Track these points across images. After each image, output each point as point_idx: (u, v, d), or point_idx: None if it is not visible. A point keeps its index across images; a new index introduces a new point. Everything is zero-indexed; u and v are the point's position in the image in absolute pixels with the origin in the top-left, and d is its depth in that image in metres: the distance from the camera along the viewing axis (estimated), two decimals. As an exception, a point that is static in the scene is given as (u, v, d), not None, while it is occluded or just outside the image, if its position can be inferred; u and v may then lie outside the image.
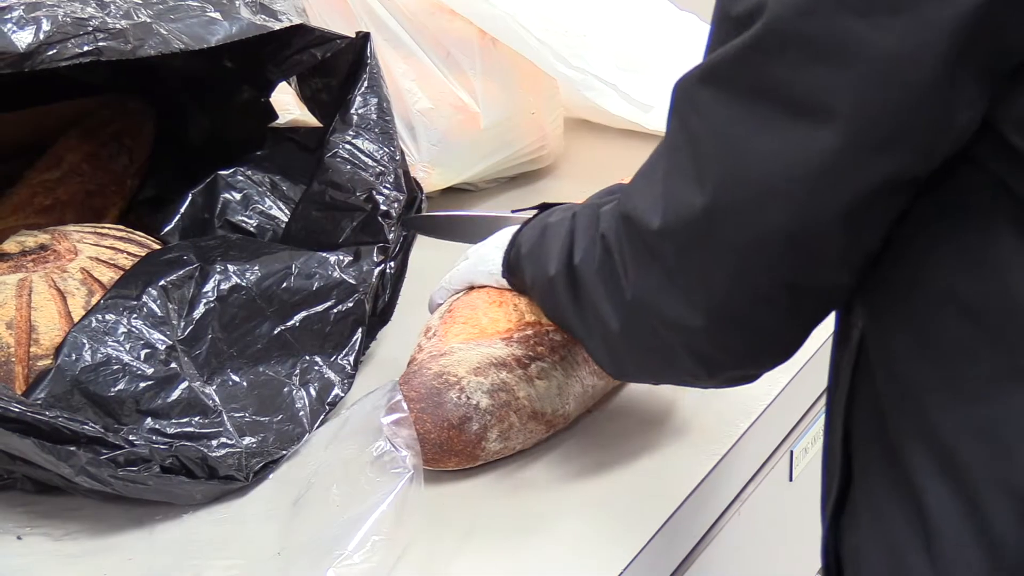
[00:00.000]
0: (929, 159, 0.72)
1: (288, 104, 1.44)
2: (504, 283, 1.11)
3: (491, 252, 1.12)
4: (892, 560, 0.80)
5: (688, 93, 0.77)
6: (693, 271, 0.79)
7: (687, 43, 1.70)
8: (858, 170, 0.71)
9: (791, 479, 1.25)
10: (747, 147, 0.73)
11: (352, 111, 1.21)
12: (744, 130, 0.73)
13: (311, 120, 1.35)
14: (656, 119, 1.63)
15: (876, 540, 0.82)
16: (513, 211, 1.19)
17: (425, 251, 1.28)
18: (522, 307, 1.10)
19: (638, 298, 0.84)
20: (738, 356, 0.83)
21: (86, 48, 1.02)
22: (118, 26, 1.04)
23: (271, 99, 1.38)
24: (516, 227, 1.11)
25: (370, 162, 1.20)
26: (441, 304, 1.16)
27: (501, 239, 1.12)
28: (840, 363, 0.86)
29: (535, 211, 1.11)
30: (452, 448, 1.02)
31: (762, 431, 1.16)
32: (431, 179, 1.51)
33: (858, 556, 0.84)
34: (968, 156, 0.72)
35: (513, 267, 1.09)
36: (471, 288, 1.14)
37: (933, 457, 0.76)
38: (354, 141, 1.21)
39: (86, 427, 0.96)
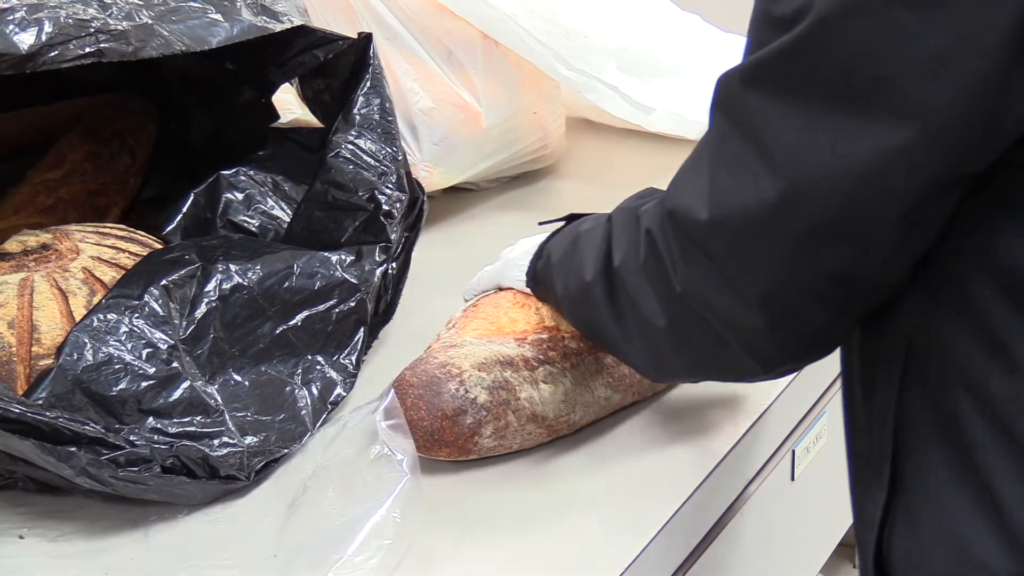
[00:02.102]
0: (987, 151, 0.72)
1: (290, 103, 1.44)
2: (527, 291, 1.11)
3: (521, 257, 1.12)
4: (957, 552, 0.81)
5: (733, 91, 0.78)
6: (745, 264, 0.80)
7: (690, 44, 1.70)
8: (915, 164, 0.72)
9: (793, 478, 1.25)
10: (801, 143, 0.74)
11: (355, 111, 1.21)
12: (799, 126, 0.74)
13: (313, 120, 1.35)
14: (657, 121, 1.63)
15: (938, 535, 0.82)
16: (540, 223, 1.19)
17: (427, 251, 1.28)
18: (544, 312, 1.10)
19: (688, 292, 0.84)
20: (788, 350, 0.84)
21: (88, 50, 1.02)
22: (120, 27, 1.04)
23: (273, 98, 1.38)
24: (545, 235, 1.11)
25: (372, 162, 1.21)
26: (468, 302, 1.17)
27: (532, 245, 1.12)
28: (876, 367, 0.86)
29: (563, 222, 1.11)
30: (443, 438, 1.02)
31: (764, 431, 1.16)
32: (433, 178, 1.51)
33: (915, 558, 0.85)
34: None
35: (540, 277, 1.08)
36: (500, 288, 1.15)
37: (998, 438, 0.77)
38: (357, 141, 1.21)
39: (87, 427, 0.96)
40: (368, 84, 1.22)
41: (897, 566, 0.86)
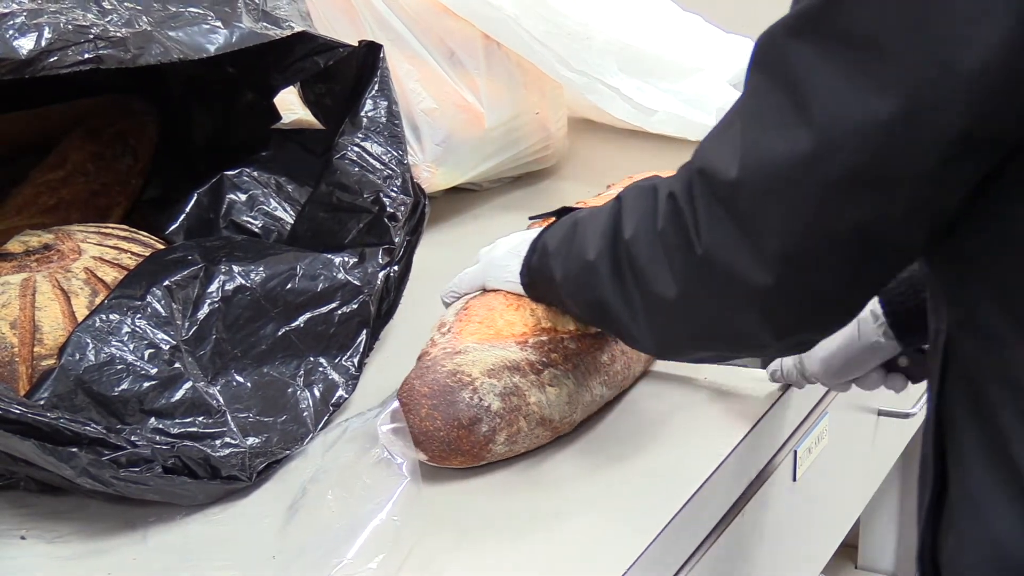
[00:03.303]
0: (1019, 113, 0.73)
1: (292, 104, 1.45)
2: (520, 290, 1.11)
3: (505, 258, 1.12)
4: (995, 550, 0.81)
5: (777, 44, 0.79)
6: (767, 219, 0.80)
7: (691, 45, 1.70)
8: (944, 117, 0.73)
9: (795, 479, 1.25)
10: (843, 91, 0.75)
11: (362, 114, 1.22)
12: (840, 74, 0.75)
13: (315, 121, 1.35)
14: (659, 123, 1.63)
15: (977, 533, 0.82)
16: (530, 218, 1.19)
17: (428, 251, 1.28)
18: (539, 313, 1.10)
19: (709, 253, 0.84)
20: (803, 314, 0.84)
21: (87, 56, 1.03)
22: (119, 34, 1.04)
23: (275, 99, 1.38)
24: (533, 232, 1.11)
25: (378, 165, 1.21)
26: (452, 304, 1.16)
27: (515, 244, 1.12)
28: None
29: (553, 216, 1.11)
30: (459, 447, 1.02)
31: (766, 431, 1.16)
32: (435, 179, 1.51)
33: (958, 556, 0.85)
34: None
35: (535, 270, 1.08)
36: (485, 290, 1.14)
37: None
38: (363, 144, 1.21)
39: (88, 428, 0.96)
40: (376, 87, 1.23)
41: (945, 567, 0.86)
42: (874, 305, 1.07)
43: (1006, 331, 0.79)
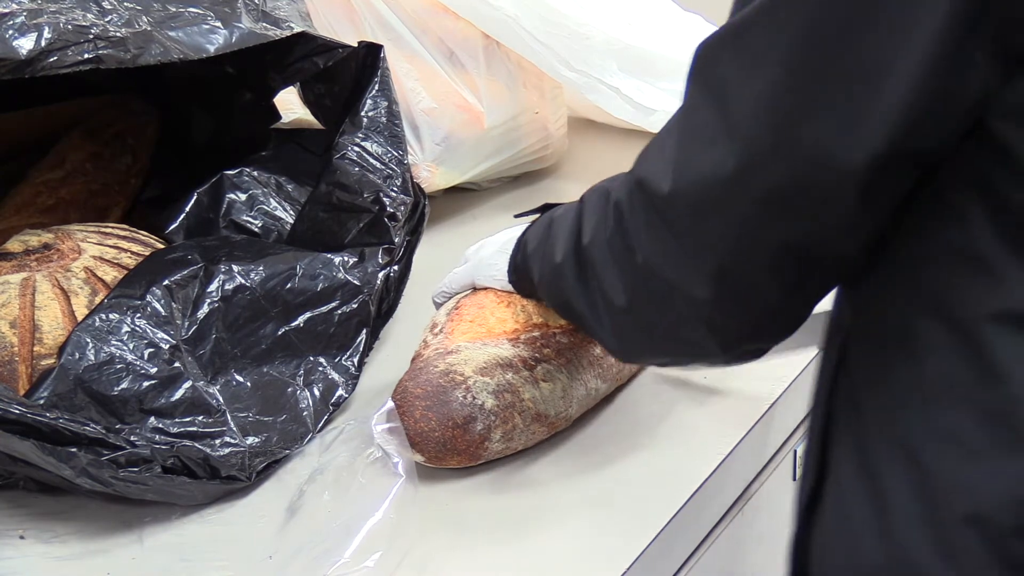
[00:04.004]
0: (941, 128, 0.72)
1: (292, 104, 1.45)
2: (509, 288, 1.11)
3: (494, 256, 1.12)
4: (851, 545, 0.81)
5: (708, 56, 0.78)
6: (702, 235, 0.80)
7: (692, 45, 1.70)
8: (865, 136, 0.72)
9: (795, 479, 1.25)
10: (760, 111, 0.74)
11: (362, 114, 1.22)
12: (759, 93, 0.74)
13: (315, 120, 1.35)
14: (659, 123, 1.63)
15: (839, 528, 0.82)
16: (516, 216, 1.19)
17: (428, 251, 1.28)
18: (530, 308, 1.10)
19: (649, 265, 0.84)
20: (747, 326, 0.84)
21: (86, 56, 1.03)
22: (119, 34, 1.04)
23: (275, 98, 1.38)
24: (520, 229, 1.10)
25: (378, 165, 1.21)
26: (443, 305, 1.16)
27: (503, 242, 1.12)
28: (825, 361, 0.86)
29: (538, 213, 1.11)
30: (455, 447, 1.02)
31: (765, 431, 1.16)
32: (435, 179, 1.51)
33: (822, 549, 0.85)
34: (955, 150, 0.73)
35: (520, 268, 1.08)
36: (475, 289, 1.14)
37: (897, 455, 0.77)
38: (363, 143, 1.21)
39: (87, 428, 0.96)
40: (376, 87, 1.23)
41: (812, 558, 0.86)
42: None
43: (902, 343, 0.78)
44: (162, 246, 1.21)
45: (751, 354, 0.89)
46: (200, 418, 1.04)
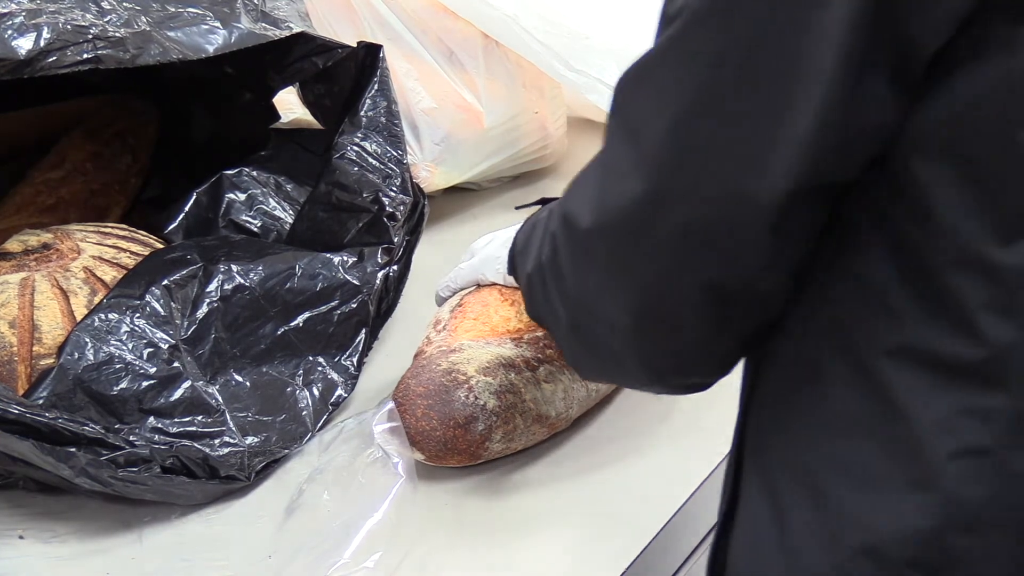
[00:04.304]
0: (847, 160, 0.71)
1: (291, 104, 1.45)
2: (512, 281, 1.10)
3: (499, 250, 1.12)
4: (757, 565, 0.81)
5: (625, 89, 0.77)
6: (623, 270, 0.79)
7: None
8: (770, 172, 0.70)
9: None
10: (667, 144, 0.73)
11: (361, 113, 1.22)
12: (666, 126, 0.73)
13: (314, 120, 1.35)
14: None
15: (747, 548, 0.82)
16: (517, 207, 1.19)
17: (428, 251, 1.28)
18: None
19: (577, 297, 0.84)
20: (675, 363, 0.82)
21: (85, 56, 1.03)
22: (118, 34, 1.04)
23: (274, 98, 1.38)
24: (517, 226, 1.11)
25: (377, 164, 1.21)
26: (446, 300, 1.16)
27: (508, 237, 1.12)
28: (743, 384, 0.85)
29: (539, 205, 1.11)
30: (456, 447, 1.02)
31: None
32: (434, 178, 1.51)
33: (733, 567, 0.85)
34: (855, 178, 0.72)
35: (512, 265, 1.08)
36: (480, 285, 1.14)
37: (801, 482, 0.77)
38: (362, 143, 1.21)
39: (86, 428, 0.96)
40: (375, 87, 1.23)
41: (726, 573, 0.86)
42: None
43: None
44: (161, 246, 1.21)
45: (690, 387, 0.86)
46: (199, 418, 1.04)
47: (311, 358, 1.15)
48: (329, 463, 1.02)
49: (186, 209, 1.34)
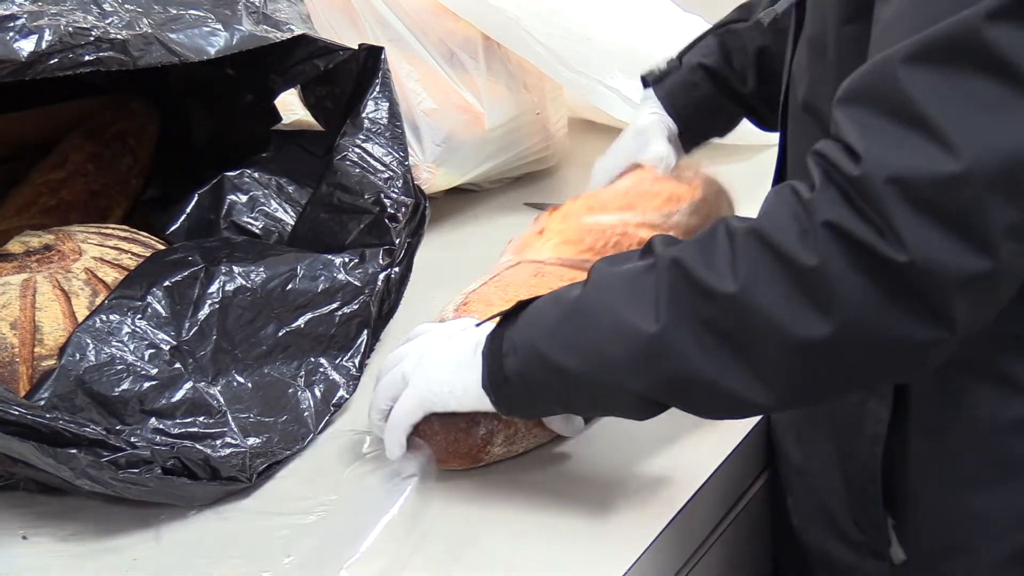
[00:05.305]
0: None
1: (292, 105, 1.45)
2: (487, 406, 0.97)
3: (448, 374, 0.98)
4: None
5: (970, 31, 0.77)
6: (996, 209, 0.78)
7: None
8: None
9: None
10: (991, 123, 0.76)
11: (363, 115, 1.22)
12: (982, 107, 0.76)
13: (316, 122, 1.35)
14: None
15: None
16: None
17: (429, 252, 1.28)
18: None
19: (919, 260, 0.79)
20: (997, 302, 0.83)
21: (87, 58, 1.03)
22: (120, 36, 1.05)
23: (276, 100, 1.38)
24: (463, 333, 0.99)
25: (379, 166, 1.21)
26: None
27: (455, 358, 0.98)
28: None
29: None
30: (457, 451, 1.02)
31: (764, 433, 1.16)
32: (435, 179, 1.51)
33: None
34: None
35: (522, 373, 0.94)
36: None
37: None
38: (364, 145, 1.21)
39: (87, 429, 0.96)
40: (377, 89, 1.23)
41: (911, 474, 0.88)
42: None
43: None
44: (163, 247, 1.21)
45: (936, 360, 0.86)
46: (201, 419, 1.04)
47: (313, 359, 1.15)
48: (333, 464, 1.02)
49: (188, 210, 1.34)
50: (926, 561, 0.97)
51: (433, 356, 0.99)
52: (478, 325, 1.00)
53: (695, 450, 1.09)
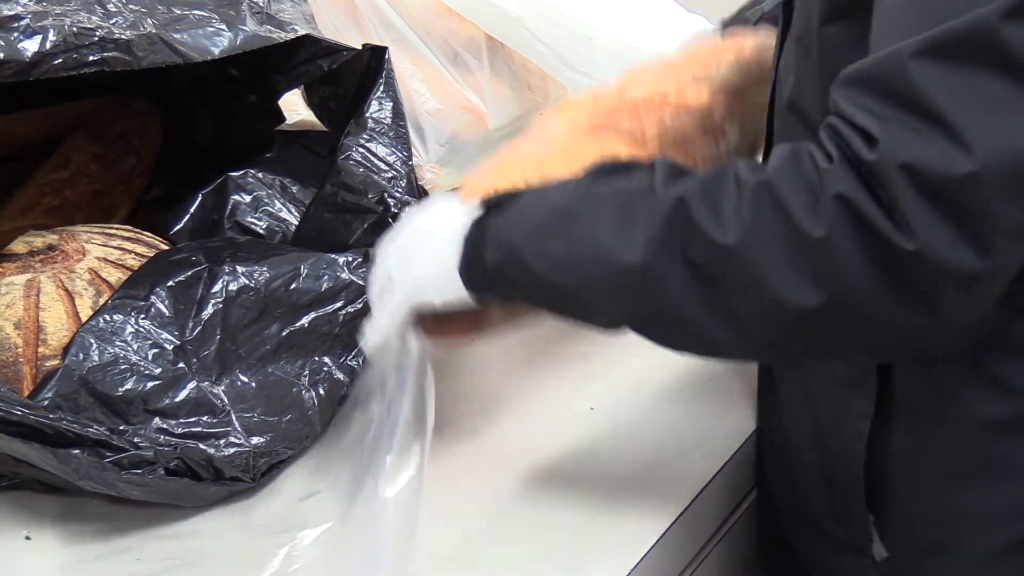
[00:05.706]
0: None
1: (296, 105, 1.45)
2: (467, 301, 0.95)
3: (430, 268, 0.95)
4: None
5: (984, 30, 0.77)
6: (1005, 210, 0.78)
7: (695, 45, 1.70)
8: None
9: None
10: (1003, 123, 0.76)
11: (367, 115, 1.22)
12: (995, 105, 0.76)
13: (319, 122, 1.35)
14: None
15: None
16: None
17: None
18: None
19: (925, 253, 0.78)
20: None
21: (91, 59, 1.03)
22: (124, 37, 1.05)
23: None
24: (445, 225, 0.96)
25: (383, 166, 1.21)
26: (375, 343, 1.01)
27: (436, 252, 0.95)
28: None
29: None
30: (454, 315, 0.95)
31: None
32: (439, 179, 1.51)
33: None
34: None
35: (497, 269, 0.92)
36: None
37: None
38: (368, 144, 1.21)
39: (90, 430, 0.96)
40: (381, 89, 1.23)
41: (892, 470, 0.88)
42: None
43: None
44: (166, 247, 1.21)
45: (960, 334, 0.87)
46: (205, 418, 1.04)
47: (317, 358, 1.14)
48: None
49: (191, 210, 1.34)
50: (908, 558, 0.98)
51: (413, 251, 0.97)
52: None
53: (700, 449, 1.09)
